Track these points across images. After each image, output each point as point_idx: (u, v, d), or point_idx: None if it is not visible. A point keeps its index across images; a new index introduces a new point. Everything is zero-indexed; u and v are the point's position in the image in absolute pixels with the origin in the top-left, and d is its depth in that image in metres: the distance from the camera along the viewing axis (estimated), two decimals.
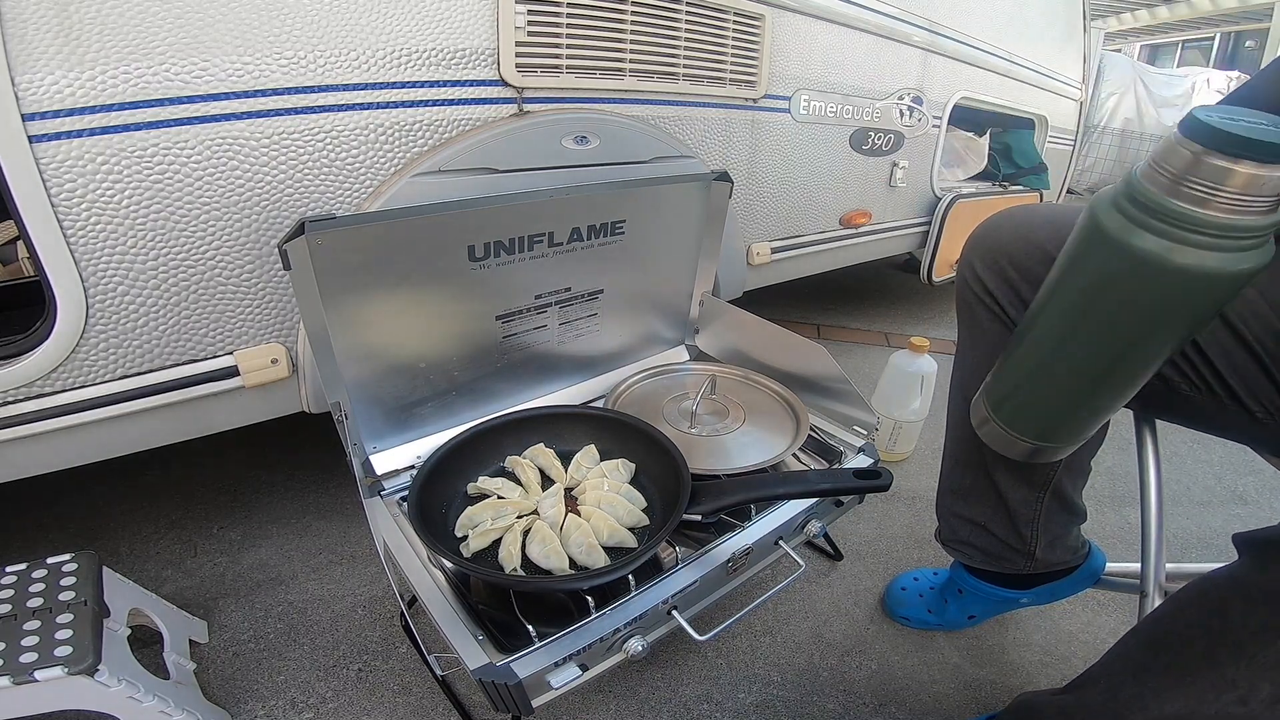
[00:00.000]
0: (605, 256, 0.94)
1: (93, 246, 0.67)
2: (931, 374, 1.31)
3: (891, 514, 1.22)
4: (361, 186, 0.81)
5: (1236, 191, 0.39)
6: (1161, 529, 0.74)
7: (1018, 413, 0.59)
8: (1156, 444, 0.75)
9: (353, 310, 0.73)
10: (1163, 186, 0.41)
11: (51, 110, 0.61)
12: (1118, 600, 1.03)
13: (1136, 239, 0.42)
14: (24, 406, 0.69)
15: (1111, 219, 0.44)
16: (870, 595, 1.03)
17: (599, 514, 0.73)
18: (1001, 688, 0.88)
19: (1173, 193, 0.41)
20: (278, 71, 0.71)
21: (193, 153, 0.69)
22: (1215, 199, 0.39)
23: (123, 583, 0.80)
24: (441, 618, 0.61)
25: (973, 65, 1.76)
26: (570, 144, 0.93)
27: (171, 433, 0.81)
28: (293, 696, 0.83)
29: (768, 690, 0.86)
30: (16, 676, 0.61)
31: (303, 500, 1.19)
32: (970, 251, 0.71)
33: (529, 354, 0.95)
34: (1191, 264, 0.41)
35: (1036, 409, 0.58)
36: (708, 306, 1.14)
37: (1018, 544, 0.80)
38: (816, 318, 2.28)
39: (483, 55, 0.84)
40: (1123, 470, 1.38)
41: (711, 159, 1.18)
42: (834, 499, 0.83)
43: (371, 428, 0.83)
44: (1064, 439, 0.59)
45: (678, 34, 1.03)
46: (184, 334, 0.76)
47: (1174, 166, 0.41)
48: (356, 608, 0.96)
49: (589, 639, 0.60)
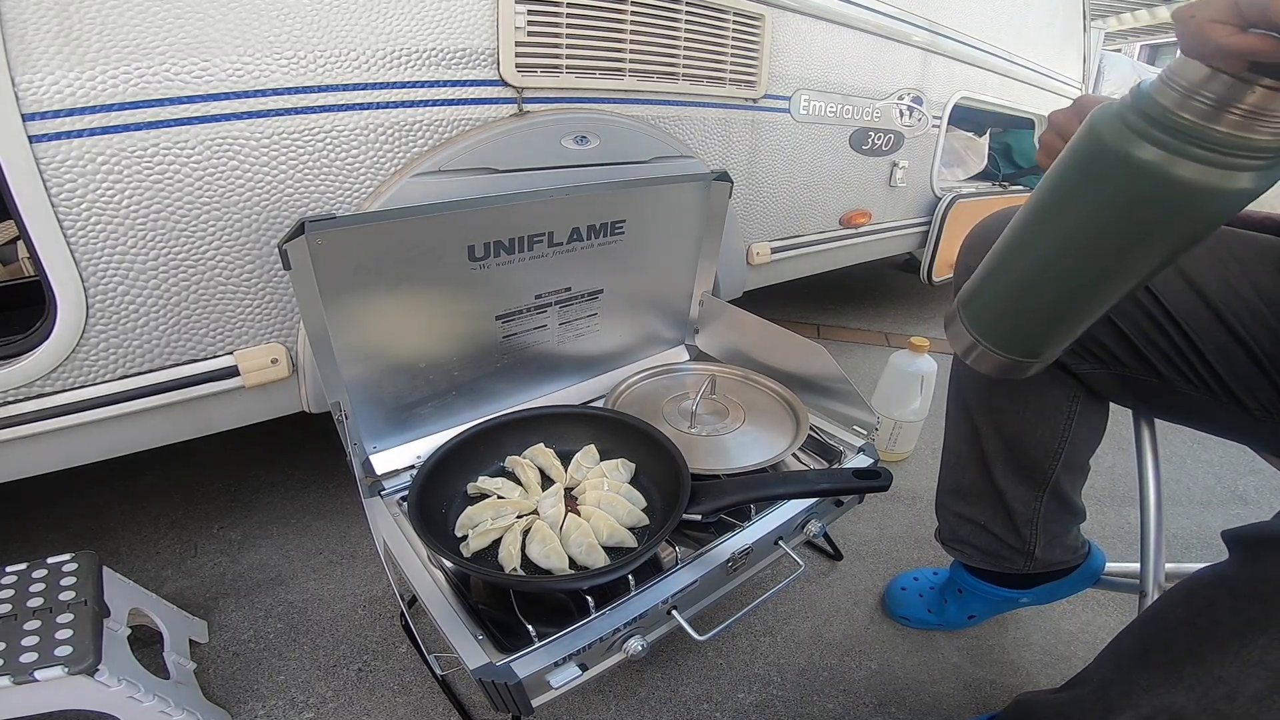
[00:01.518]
0: (605, 256, 0.94)
1: (93, 246, 0.67)
2: (931, 374, 1.31)
3: (891, 514, 1.22)
4: (361, 186, 0.81)
5: (1249, 109, 0.38)
6: (1161, 529, 0.74)
7: (985, 307, 0.56)
8: (1156, 444, 0.75)
9: (353, 310, 0.73)
10: (1172, 100, 0.40)
11: (51, 110, 0.61)
12: (1118, 600, 1.03)
13: (1137, 148, 0.41)
14: (24, 406, 0.69)
15: (1112, 129, 0.43)
16: (870, 595, 1.03)
17: (599, 514, 0.73)
18: (1001, 688, 0.88)
19: (1182, 105, 0.39)
20: (278, 71, 0.71)
21: (193, 153, 0.69)
22: (1226, 114, 0.38)
23: (123, 583, 0.80)
24: (441, 618, 0.61)
25: (973, 65, 1.76)
26: (570, 144, 0.93)
27: (171, 433, 0.81)
28: (293, 696, 0.83)
29: (767, 690, 0.86)
30: (17, 676, 0.61)
31: (303, 500, 1.19)
32: (967, 252, 0.71)
33: (529, 354, 0.95)
34: (1191, 177, 0.40)
35: (1014, 321, 0.55)
36: (708, 306, 1.14)
37: (1017, 543, 0.80)
38: (816, 318, 2.28)
39: (483, 55, 0.84)
40: (1123, 470, 1.38)
41: (711, 159, 1.18)
42: (834, 499, 0.83)
43: (371, 428, 0.83)
44: (1038, 353, 0.56)
45: (677, 34, 1.03)
46: (184, 334, 0.76)
47: (1188, 79, 0.39)
48: (356, 608, 0.96)
49: (589, 639, 0.60)
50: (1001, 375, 0.60)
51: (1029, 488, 0.77)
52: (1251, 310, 0.55)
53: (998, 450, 0.77)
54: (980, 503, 0.81)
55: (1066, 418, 0.72)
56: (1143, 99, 0.42)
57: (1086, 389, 0.70)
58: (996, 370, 0.58)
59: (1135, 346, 0.61)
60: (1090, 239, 0.47)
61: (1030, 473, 0.76)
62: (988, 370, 0.58)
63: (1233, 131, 0.39)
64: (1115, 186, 0.44)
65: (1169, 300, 0.58)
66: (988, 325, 0.56)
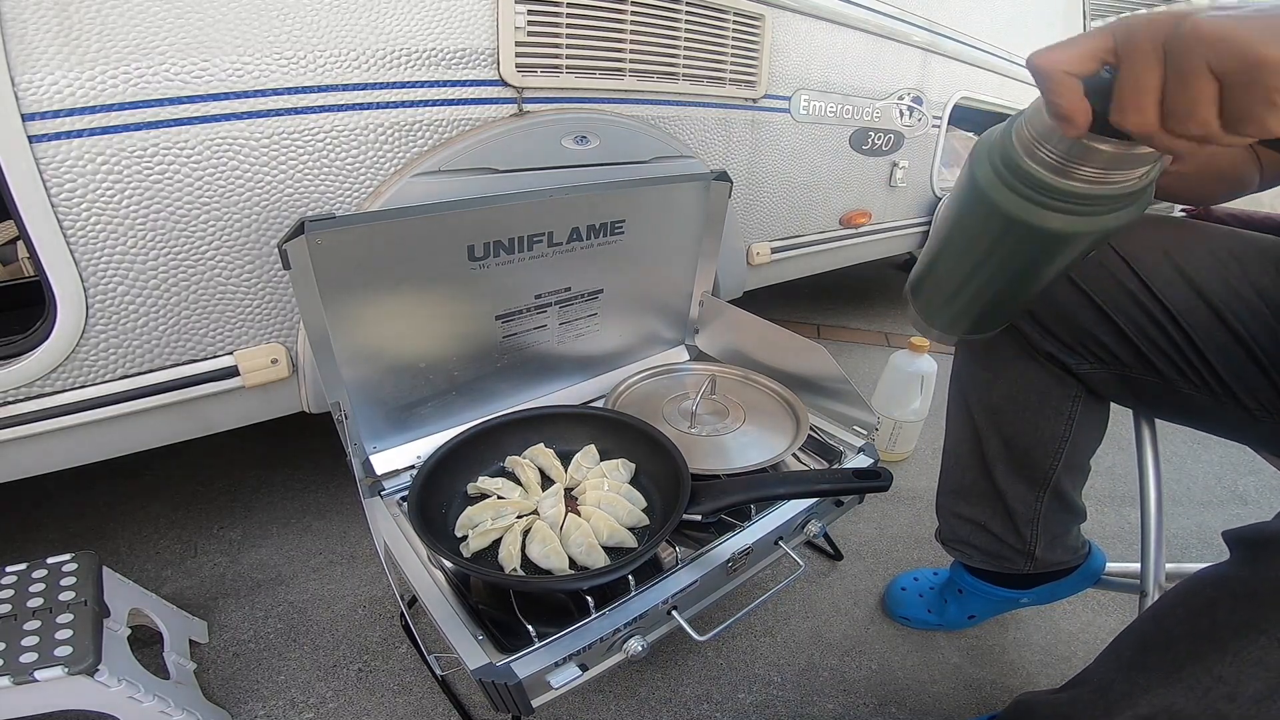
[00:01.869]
0: (605, 256, 0.94)
1: (93, 246, 0.67)
2: (931, 374, 1.31)
3: (891, 514, 1.22)
4: (361, 186, 0.81)
5: (1094, 168, 0.37)
6: (1161, 529, 0.74)
7: (926, 302, 0.59)
8: (1156, 443, 0.75)
9: (353, 310, 0.73)
10: (1026, 149, 0.39)
11: (51, 110, 0.61)
12: (1118, 600, 1.03)
13: (1001, 198, 0.41)
14: (24, 406, 0.69)
15: (982, 168, 0.42)
16: (870, 595, 1.03)
17: (599, 514, 0.73)
18: (1001, 688, 0.88)
19: (1033, 157, 0.39)
20: (277, 71, 0.71)
21: (193, 153, 0.69)
22: (1074, 171, 0.37)
23: (123, 583, 0.80)
24: (441, 618, 0.61)
25: (973, 65, 1.76)
26: (570, 144, 0.93)
27: (171, 433, 0.81)
28: (293, 696, 0.83)
29: (767, 690, 0.86)
30: (16, 676, 0.61)
31: (303, 500, 1.19)
32: None
33: (529, 354, 0.95)
34: (1056, 228, 0.39)
35: (937, 304, 0.58)
36: (708, 306, 1.14)
37: (1018, 544, 0.80)
38: (816, 318, 2.28)
39: (483, 55, 0.84)
40: (1123, 470, 1.38)
41: (711, 159, 1.18)
42: (834, 499, 0.83)
43: (371, 428, 0.83)
44: (982, 331, 0.59)
45: (677, 34, 1.03)
46: (184, 334, 0.76)
47: (1037, 130, 0.38)
48: (356, 608, 0.96)
49: (589, 639, 0.60)
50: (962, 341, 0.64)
51: (1029, 488, 0.77)
52: (1252, 310, 0.55)
53: (998, 451, 0.77)
54: (981, 503, 0.81)
55: (1068, 418, 0.72)
56: (1007, 144, 0.41)
57: (1087, 389, 0.70)
58: (954, 342, 0.62)
59: (1136, 346, 0.61)
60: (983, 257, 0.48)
61: (1031, 473, 0.76)
62: (948, 342, 0.61)
63: (1083, 186, 0.38)
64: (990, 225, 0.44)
65: (1170, 300, 0.58)
66: (932, 313, 0.60)
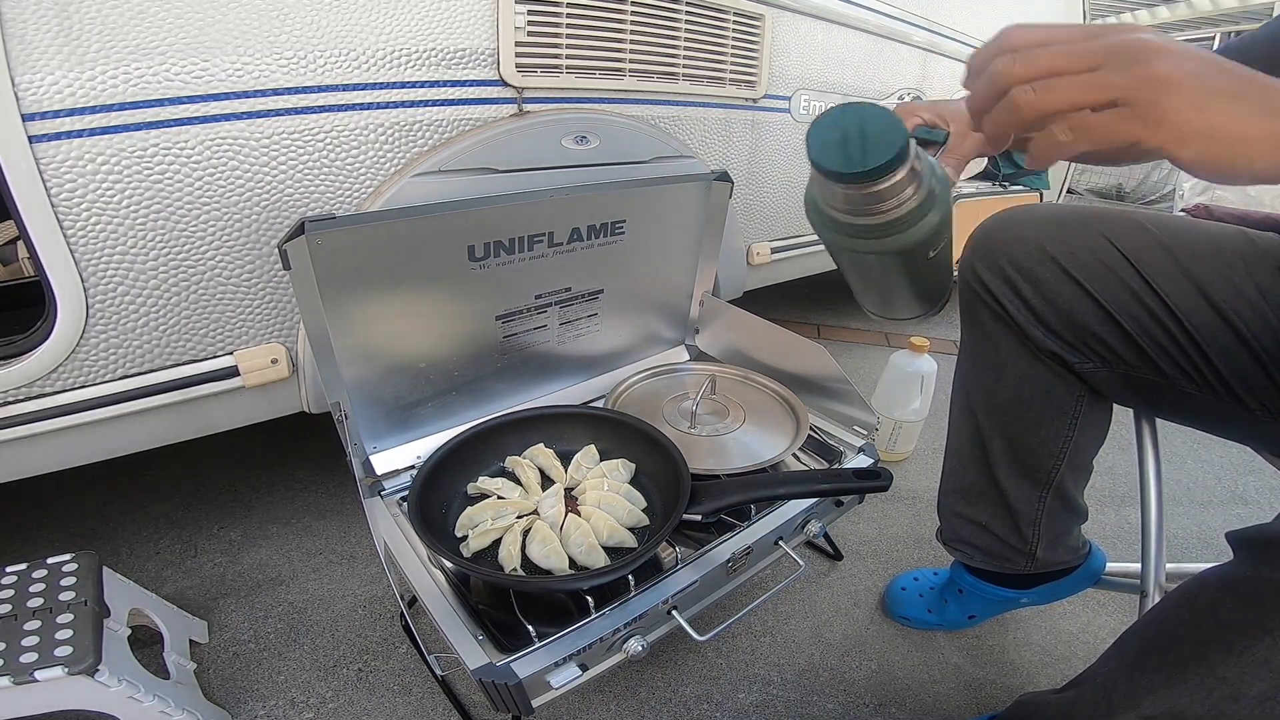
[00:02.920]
0: (605, 256, 0.94)
1: (93, 246, 0.67)
2: (931, 374, 1.31)
3: (891, 514, 1.22)
4: (361, 186, 0.81)
5: (843, 206, 0.38)
6: (1161, 529, 0.74)
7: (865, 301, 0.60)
8: (1156, 443, 0.75)
9: (353, 310, 0.73)
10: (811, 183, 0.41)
11: (51, 110, 0.61)
12: (1118, 600, 1.03)
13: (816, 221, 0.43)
14: (24, 406, 0.69)
15: (808, 198, 0.43)
16: (870, 595, 1.03)
17: (599, 514, 0.73)
18: (1001, 688, 0.88)
19: (825, 197, 0.40)
20: (277, 71, 0.71)
21: (193, 153, 0.69)
22: (839, 206, 0.39)
23: (123, 583, 0.80)
24: (441, 618, 0.61)
25: None
26: (570, 144, 0.93)
27: (172, 433, 0.81)
28: (293, 696, 0.83)
29: (767, 690, 0.86)
30: (17, 676, 0.61)
31: (303, 500, 1.19)
32: (970, 252, 0.71)
33: (529, 354, 0.95)
34: (866, 250, 0.41)
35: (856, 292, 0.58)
36: (708, 306, 1.14)
37: (1019, 544, 0.80)
38: (816, 318, 2.28)
39: (483, 55, 0.84)
40: (1123, 470, 1.38)
41: (711, 159, 1.18)
42: (834, 499, 0.83)
43: (371, 428, 0.83)
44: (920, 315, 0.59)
45: (677, 34, 1.03)
46: (184, 334, 0.76)
47: (817, 184, 0.40)
48: (356, 608, 0.96)
49: (589, 639, 0.60)
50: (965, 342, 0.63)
51: (1033, 488, 0.77)
52: (1254, 310, 0.55)
53: (1001, 451, 0.76)
54: (983, 503, 0.81)
55: (1071, 418, 0.72)
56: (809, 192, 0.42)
57: (1090, 389, 0.70)
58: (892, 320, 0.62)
59: (1138, 345, 0.61)
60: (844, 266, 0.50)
61: (1034, 473, 0.76)
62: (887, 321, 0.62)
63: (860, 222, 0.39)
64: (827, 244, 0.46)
65: (1172, 299, 0.58)
66: (866, 302, 0.59)
